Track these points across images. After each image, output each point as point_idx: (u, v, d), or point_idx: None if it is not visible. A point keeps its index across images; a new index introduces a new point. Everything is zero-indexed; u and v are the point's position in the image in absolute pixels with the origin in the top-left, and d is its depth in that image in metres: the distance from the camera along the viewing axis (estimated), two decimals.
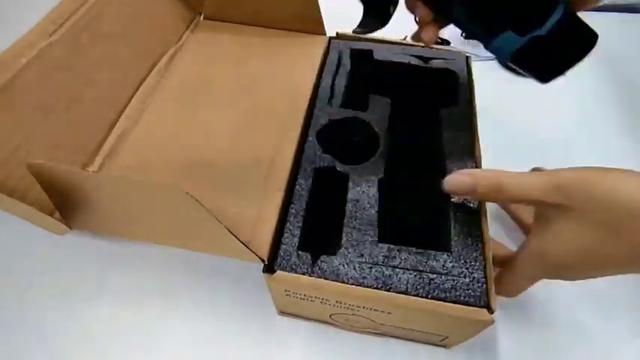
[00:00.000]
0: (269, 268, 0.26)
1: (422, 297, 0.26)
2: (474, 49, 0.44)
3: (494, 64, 0.54)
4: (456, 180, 0.26)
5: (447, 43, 0.54)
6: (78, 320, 0.33)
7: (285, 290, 0.27)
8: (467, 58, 0.40)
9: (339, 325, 0.33)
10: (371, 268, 0.27)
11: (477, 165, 0.32)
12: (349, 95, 0.37)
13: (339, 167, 0.32)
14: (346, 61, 0.40)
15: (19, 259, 0.35)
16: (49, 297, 0.34)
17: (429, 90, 0.39)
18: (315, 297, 0.27)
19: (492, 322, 0.24)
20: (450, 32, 0.41)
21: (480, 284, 0.26)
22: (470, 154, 0.33)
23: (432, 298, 0.26)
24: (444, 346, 0.32)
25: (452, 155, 0.33)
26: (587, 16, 0.26)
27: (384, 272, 0.27)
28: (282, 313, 0.34)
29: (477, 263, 0.27)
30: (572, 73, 0.27)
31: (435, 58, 0.40)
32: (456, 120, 0.35)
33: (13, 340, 0.32)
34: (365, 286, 0.26)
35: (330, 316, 0.30)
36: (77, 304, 0.34)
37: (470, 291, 0.26)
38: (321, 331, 0.34)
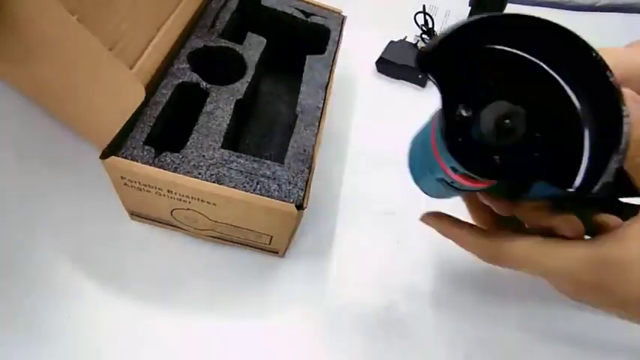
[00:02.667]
0: (106, 155, 0.28)
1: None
2: None
3: None
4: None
5: None
6: (78, 320, 0.32)
7: (122, 177, 0.30)
8: (343, 18, 0.45)
9: (183, 227, 0.36)
10: (209, 167, 0.30)
11: (326, 95, 0.37)
12: (229, 28, 0.40)
13: (203, 85, 0.35)
14: (234, 3, 0.43)
15: (19, 259, 0.33)
16: (49, 297, 0.32)
17: (303, 39, 0.43)
18: (149, 186, 0.30)
19: (297, 215, 0.29)
20: None
21: (299, 189, 0.31)
22: (323, 89, 0.38)
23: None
24: (277, 253, 0.37)
25: (308, 88, 0.37)
26: (586, 17, 0.27)
27: (219, 172, 0.30)
28: (132, 214, 0.36)
29: (302, 175, 0.32)
30: None
31: (316, 15, 0.44)
32: (318, 64, 0.40)
33: (13, 340, 0.30)
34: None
35: (172, 212, 0.33)
36: (77, 304, 0.33)
37: (290, 193, 0.30)
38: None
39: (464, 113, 0.18)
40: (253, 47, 0.39)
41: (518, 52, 0.19)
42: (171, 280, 0.35)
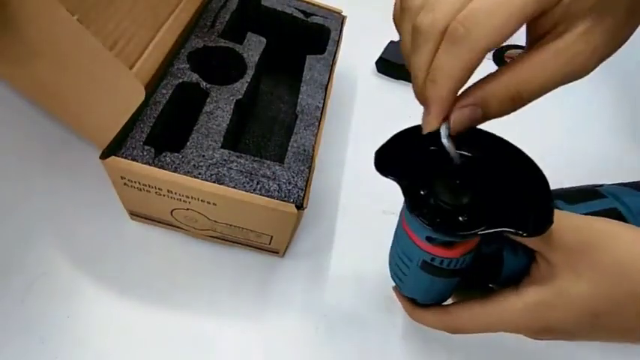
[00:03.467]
0: (106, 156, 0.28)
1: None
2: None
3: (491, 64, 0.58)
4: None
5: None
6: (78, 320, 0.32)
7: (122, 178, 0.30)
8: (343, 18, 0.45)
9: (183, 227, 0.36)
10: (209, 167, 0.30)
11: (326, 95, 0.37)
12: (229, 29, 0.40)
13: (203, 85, 0.35)
14: (234, 3, 0.43)
15: (19, 259, 0.33)
16: (49, 297, 0.32)
17: (303, 39, 0.43)
18: (149, 186, 0.30)
19: (296, 215, 0.29)
20: None
21: (299, 189, 0.31)
22: (323, 89, 0.38)
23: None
24: (277, 253, 0.37)
25: (308, 88, 0.37)
26: None
27: (219, 172, 0.30)
28: (132, 215, 0.36)
29: (302, 175, 0.32)
30: None
31: (316, 15, 0.44)
32: (318, 64, 0.40)
33: (13, 340, 0.30)
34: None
35: (172, 212, 0.33)
36: (77, 304, 0.33)
37: (290, 193, 0.30)
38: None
39: (422, 192, 0.22)
40: (253, 47, 0.39)
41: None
42: (171, 280, 0.35)
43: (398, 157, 0.23)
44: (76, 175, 0.38)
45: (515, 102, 0.20)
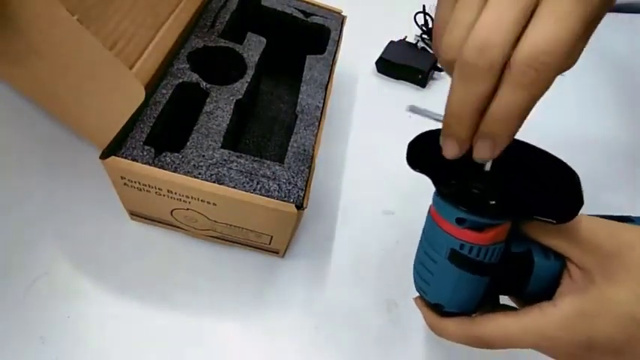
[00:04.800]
0: (106, 156, 0.28)
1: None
2: None
3: None
4: None
5: None
6: (78, 320, 0.32)
7: (122, 178, 0.30)
8: (343, 18, 0.45)
9: (183, 227, 0.36)
10: (209, 167, 0.30)
11: (326, 95, 0.37)
12: (229, 29, 0.40)
13: (203, 85, 0.35)
14: (234, 3, 0.43)
15: (19, 259, 0.33)
16: (49, 297, 0.32)
17: (303, 39, 0.43)
18: (149, 186, 0.30)
19: (296, 215, 0.29)
20: None
21: (299, 189, 0.31)
22: (323, 89, 0.38)
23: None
24: (277, 253, 0.37)
25: (308, 88, 0.37)
26: None
27: (219, 172, 0.30)
28: (132, 215, 0.36)
29: (302, 175, 0.32)
30: (570, 73, 0.26)
31: (315, 15, 0.44)
32: (318, 64, 0.40)
33: (13, 340, 0.30)
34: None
35: (172, 212, 0.33)
36: (77, 304, 0.33)
37: (290, 193, 0.30)
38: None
39: (452, 182, 0.22)
40: (253, 47, 0.39)
41: None
42: (171, 280, 0.35)
43: (428, 152, 0.23)
44: (76, 175, 0.38)
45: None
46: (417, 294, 0.27)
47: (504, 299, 0.27)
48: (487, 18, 0.17)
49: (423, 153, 0.23)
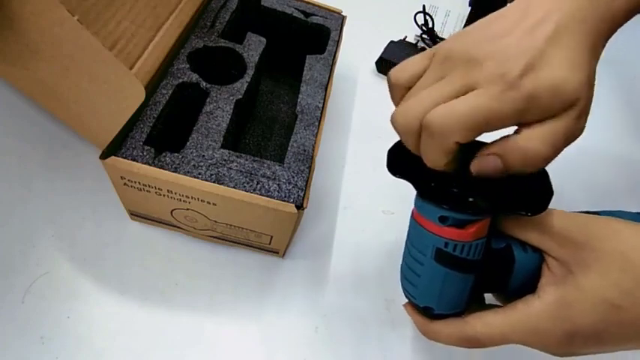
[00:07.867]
0: (106, 156, 0.28)
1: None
2: None
3: None
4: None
5: None
6: (78, 320, 0.32)
7: (122, 178, 0.30)
8: (343, 18, 0.45)
9: (183, 227, 0.36)
10: (209, 167, 0.30)
11: (326, 95, 0.37)
12: (229, 29, 0.40)
13: (203, 85, 0.35)
14: (234, 3, 0.43)
15: (19, 259, 0.33)
16: (49, 297, 0.32)
17: (303, 39, 0.43)
18: (149, 186, 0.30)
19: (296, 215, 0.29)
20: None
21: (299, 189, 0.31)
22: (323, 89, 0.38)
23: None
24: (277, 253, 0.37)
25: (308, 88, 0.37)
26: None
27: (219, 172, 0.30)
28: (132, 215, 0.36)
29: (302, 175, 0.32)
30: None
31: (315, 15, 0.44)
32: (318, 64, 0.40)
33: (13, 340, 0.30)
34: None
35: (172, 212, 0.33)
36: (77, 304, 0.33)
37: (289, 193, 0.30)
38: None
39: (432, 184, 0.24)
40: (253, 47, 0.39)
41: None
42: (171, 280, 0.35)
43: (406, 158, 0.24)
44: (76, 175, 0.38)
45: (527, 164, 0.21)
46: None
47: (489, 300, 0.27)
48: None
49: (401, 159, 0.25)
